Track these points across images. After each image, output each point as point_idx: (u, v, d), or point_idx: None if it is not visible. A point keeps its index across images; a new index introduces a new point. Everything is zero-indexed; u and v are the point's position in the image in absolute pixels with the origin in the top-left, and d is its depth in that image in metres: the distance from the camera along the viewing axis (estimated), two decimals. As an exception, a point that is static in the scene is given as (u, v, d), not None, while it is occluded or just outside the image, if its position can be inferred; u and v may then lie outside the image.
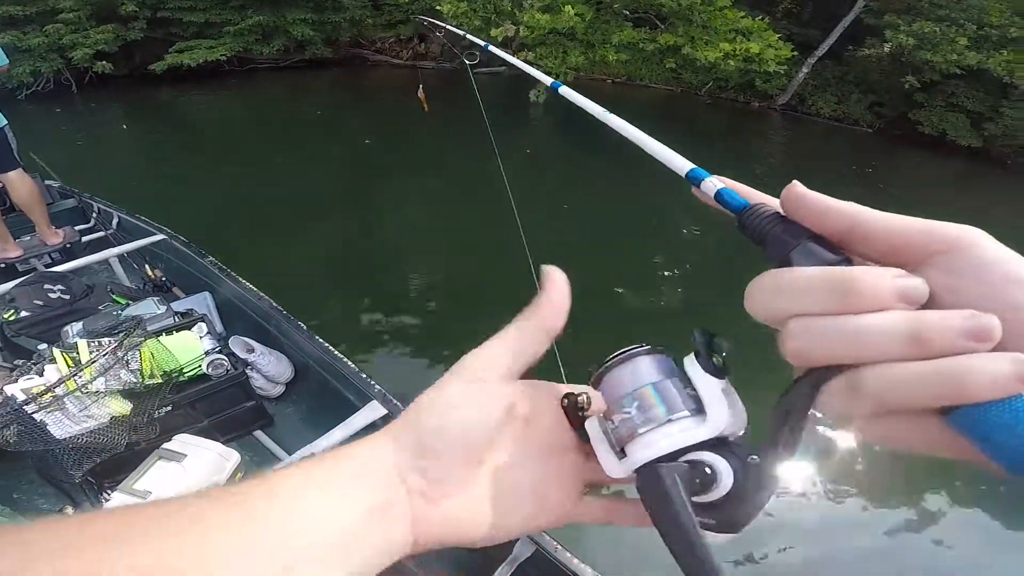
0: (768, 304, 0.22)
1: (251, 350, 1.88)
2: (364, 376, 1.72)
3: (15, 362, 1.89)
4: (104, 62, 9.12)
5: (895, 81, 8.00)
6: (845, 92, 8.76)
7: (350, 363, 1.78)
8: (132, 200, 3.27)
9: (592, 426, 0.29)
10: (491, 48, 1.05)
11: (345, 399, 1.77)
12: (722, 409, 0.25)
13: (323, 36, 10.33)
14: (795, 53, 7.69)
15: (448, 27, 1.39)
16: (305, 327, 1.93)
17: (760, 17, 7.57)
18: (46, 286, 2.03)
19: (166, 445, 1.65)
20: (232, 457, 1.65)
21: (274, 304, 2.03)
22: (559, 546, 1.30)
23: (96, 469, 1.60)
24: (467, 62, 1.09)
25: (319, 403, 1.92)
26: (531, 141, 7.04)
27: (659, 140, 0.33)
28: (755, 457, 0.24)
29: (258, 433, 1.91)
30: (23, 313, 2.02)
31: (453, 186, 5.47)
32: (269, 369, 1.88)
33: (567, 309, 0.29)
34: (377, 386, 1.68)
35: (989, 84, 7.60)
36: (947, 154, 7.75)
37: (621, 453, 0.27)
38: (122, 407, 1.67)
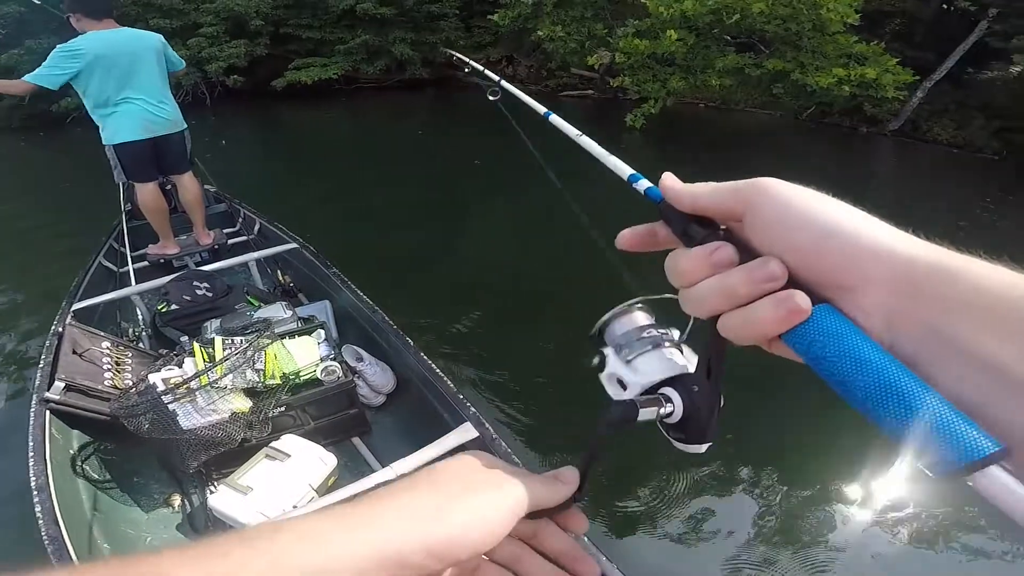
0: (671, 279, 0.31)
1: (360, 359, 2.00)
2: (461, 397, 1.77)
3: (160, 351, 2.14)
4: (235, 76, 10.18)
5: (1027, 104, 7.12)
6: (966, 117, 7.92)
7: (449, 382, 1.84)
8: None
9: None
10: (504, 84, 1.12)
11: (440, 417, 1.82)
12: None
13: (421, 56, 10.92)
14: (917, 78, 7.11)
15: (473, 63, 1.43)
16: (412, 343, 2.01)
17: (876, 42, 7.08)
18: (195, 283, 2.28)
19: (274, 444, 1.74)
20: (330, 462, 1.75)
21: (386, 318, 2.14)
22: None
23: (209, 461, 1.69)
24: (491, 98, 1.16)
25: (416, 418, 1.98)
26: (635, 167, 6.94)
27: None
28: (695, 387, 0.32)
29: (356, 440, 1.99)
30: (173, 306, 2.29)
31: (543, 209, 5.50)
32: (375, 379, 1.99)
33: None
34: (472, 408, 1.71)
35: None
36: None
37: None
38: (243, 404, 1.78)
